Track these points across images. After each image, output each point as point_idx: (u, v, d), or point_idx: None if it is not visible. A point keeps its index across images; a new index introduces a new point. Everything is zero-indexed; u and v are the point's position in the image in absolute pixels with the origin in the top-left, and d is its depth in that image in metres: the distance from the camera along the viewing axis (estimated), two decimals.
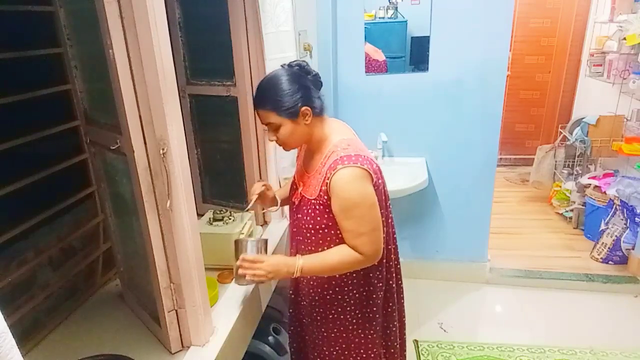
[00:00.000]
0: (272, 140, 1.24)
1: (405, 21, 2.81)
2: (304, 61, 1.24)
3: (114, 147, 1.09)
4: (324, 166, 1.20)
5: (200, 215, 1.44)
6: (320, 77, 1.26)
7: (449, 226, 2.74)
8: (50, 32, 1.27)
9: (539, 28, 4.30)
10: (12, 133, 1.17)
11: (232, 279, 1.47)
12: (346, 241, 1.20)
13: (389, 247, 1.37)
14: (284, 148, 1.28)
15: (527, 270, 2.84)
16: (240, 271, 1.22)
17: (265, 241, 1.30)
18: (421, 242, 2.80)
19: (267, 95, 1.18)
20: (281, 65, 1.24)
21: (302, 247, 1.31)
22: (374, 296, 1.33)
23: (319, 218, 1.23)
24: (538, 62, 4.42)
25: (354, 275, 1.30)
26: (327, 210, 1.21)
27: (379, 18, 2.81)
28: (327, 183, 1.17)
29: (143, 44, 0.93)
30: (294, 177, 1.39)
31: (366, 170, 1.16)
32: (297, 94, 1.16)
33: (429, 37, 2.41)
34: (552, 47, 4.34)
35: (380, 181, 1.25)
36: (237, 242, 1.27)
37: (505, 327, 2.50)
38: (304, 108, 1.18)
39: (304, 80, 1.20)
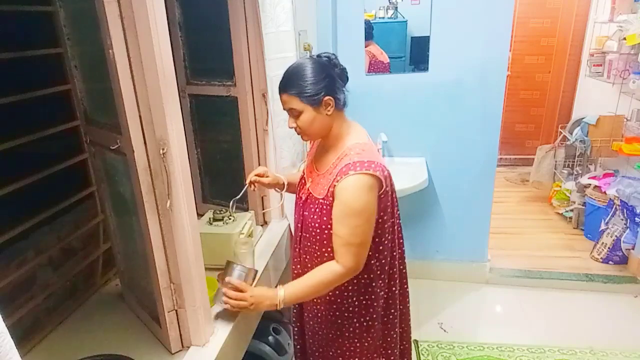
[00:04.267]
0: (291, 127, 1.24)
1: (405, 21, 2.81)
2: (333, 54, 1.25)
3: (114, 147, 1.09)
4: (335, 167, 1.20)
5: (200, 215, 1.44)
6: (347, 72, 1.26)
7: (449, 226, 2.74)
8: (50, 32, 1.27)
9: (539, 28, 4.30)
10: (12, 133, 1.17)
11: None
12: (333, 244, 1.20)
13: (394, 253, 1.36)
14: (302, 137, 1.27)
15: (527, 270, 2.84)
16: (224, 298, 1.21)
17: (255, 272, 1.30)
18: (421, 242, 2.80)
19: (292, 80, 1.19)
20: (310, 55, 1.24)
21: (308, 244, 1.31)
22: (375, 304, 1.32)
23: (324, 218, 1.23)
24: (538, 62, 4.42)
25: (355, 281, 1.28)
26: (332, 211, 1.21)
27: (379, 18, 2.81)
28: (335, 185, 1.17)
29: (143, 44, 0.93)
30: (303, 172, 1.39)
31: (377, 177, 1.15)
32: (321, 83, 1.17)
33: (429, 37, 2.41)
34: (552, 47, 4.34)
35: (388, 188, 1.24)
36: (228, 263, 1.27)
37: (505, 327, 2.50)
38: (326, 97, 1.18)
39: (331, 71, 1.21)
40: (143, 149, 1.01)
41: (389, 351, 1.43)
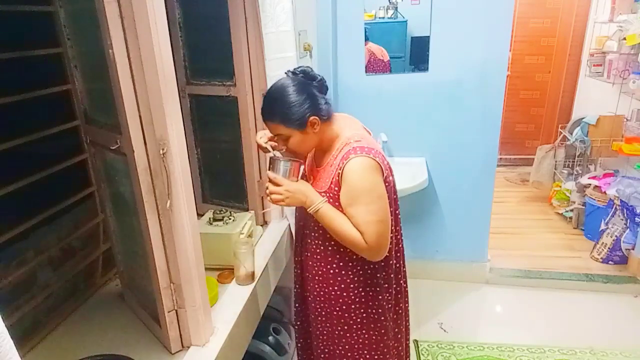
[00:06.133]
0: (282, 150, 1.25)
1: (405, 21, 2.81)
2: (308, 67, 1.24)
3: (114, 147, 1.09)
4: (336, 158, 1.21)
5: (200, 215, 1.44)
6: (325, 82, 1.26)
7: (449, 226, 2.74)
8: (50, 32, 1.27)
9: (539, 28, 4.30)
10: (12, 133, 1.16)
11: (232, 279, 1.46)
12: None
13: (399, 246, 1.37)
14: (295, 155, 1.28)
15: (527, 270, 2.84)
16: (272, 187, 1.21)
17: (299, 165, 1.26)
18: (421, 242, 2.80)
19: (274, 107, 1.19)
20: (285, 73, 1.23)
21: (309, 240, 1.31)
22: (380, 297, 1.33)
23: None
24: (538, 62, 4.42)
25: (361, 272, 1.29)
26: (336, 203, 1.21)
27: (379, 18, 2.81)
28: (339, 173, 1.18)
29: (143, 44, 0.93)
30: (304, 171, 1.39)
31: (378, 162, 1.17)
32: (304, 105, 1.17)
33: (429, 37, 2.41)
34: (552, 47, 4.34)
35: (390, 178, 1.26)
36: (272, 159, 1.25)
37: (505, 327, 2.50)
38: (312, 118, 1.18)
39: (310, 88, 1.20)
40: (143, 149, 1.01)
41: (400, 347, 1.44)
